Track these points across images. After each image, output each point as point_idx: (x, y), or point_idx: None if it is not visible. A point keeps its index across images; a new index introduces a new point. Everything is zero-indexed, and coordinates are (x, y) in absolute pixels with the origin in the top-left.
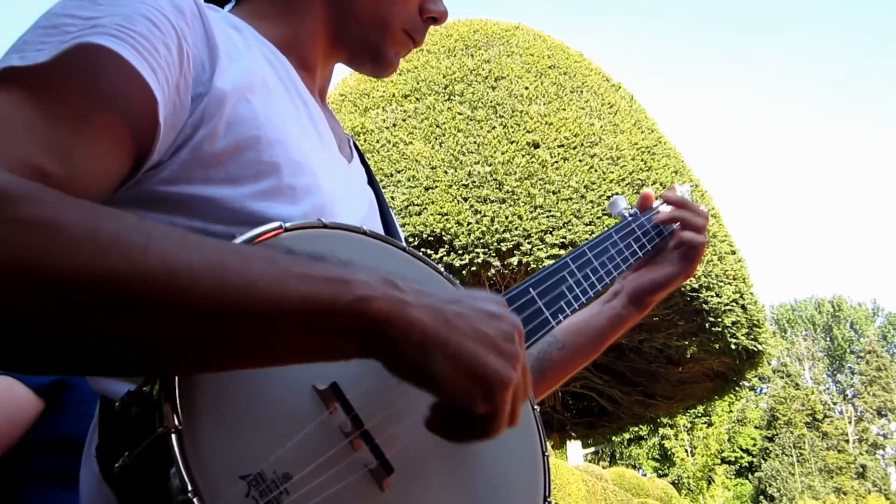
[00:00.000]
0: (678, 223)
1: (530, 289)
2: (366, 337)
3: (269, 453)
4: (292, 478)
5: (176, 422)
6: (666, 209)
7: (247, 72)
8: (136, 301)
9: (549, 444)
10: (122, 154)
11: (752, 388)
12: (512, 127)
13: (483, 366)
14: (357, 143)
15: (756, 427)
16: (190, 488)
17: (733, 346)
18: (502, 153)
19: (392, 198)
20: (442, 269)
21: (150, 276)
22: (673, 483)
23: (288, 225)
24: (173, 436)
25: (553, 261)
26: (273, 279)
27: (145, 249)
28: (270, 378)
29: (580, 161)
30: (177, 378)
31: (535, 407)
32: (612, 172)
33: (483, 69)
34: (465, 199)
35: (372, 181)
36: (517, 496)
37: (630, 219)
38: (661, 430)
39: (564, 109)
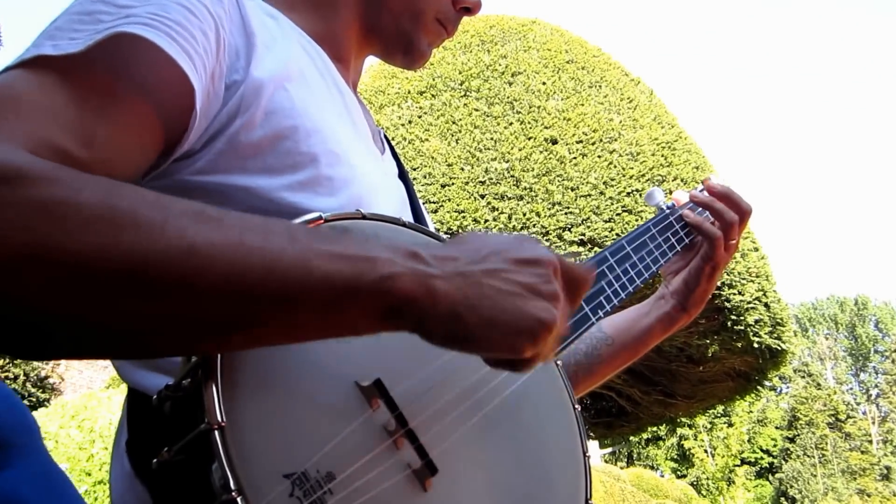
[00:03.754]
0: (711, 213)
1: None
2: (392, 315)
3: (313, 452)
4: (336, 478)
5: (219, 417)
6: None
7: (284, 60)
8: (153, 282)
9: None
10: (152, 141)
11: (772, 388)
12: (529, 123)
13: (524, 316)
14: None
15: (777, 427)
16: (233, 487)
17: (756, 345)
18: (519, 149)
19: None
20: None
21: (166, 257)
22: (692, 484)
23: (327, 216)
24: (216, 432)
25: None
26: (294, 257)
27: (163, 228)
28: (313, 374)
29: (599, 157)
30: (219, 372)
31: (577, 407)
32: (632, 168)
33: (500, 65)
34: (482, 196)
35: (403, 175)
36: (559, 497)
37: (667, 211)
38: (679, 431)
39: (583, 105)
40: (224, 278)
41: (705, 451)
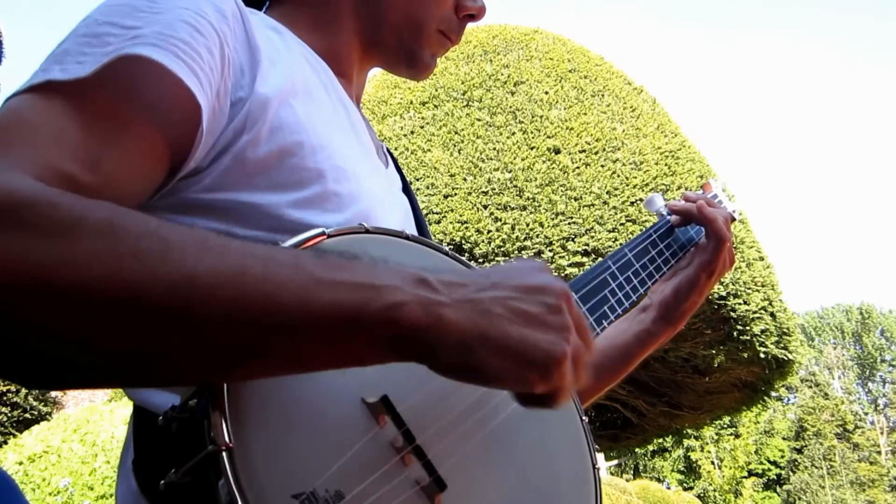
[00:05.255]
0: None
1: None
2: (400, 344)
3: (321, 470)
4: (345, 496)
5: (226, 439)
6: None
7: (289, 75)
8: (153, 311)
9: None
10: (158, 162)
11: (779, 399)
12: (532, 132)
13: (532, 347)
14: None
15: (784, 438)
16: None
17: (762, 355)
18: (522, 159)
19: None
20: None
21: (167, 286)
22: (699, 496)
23: (330, 231)
24: (224, 453)
25: (594, 264)
26: (297, 287)
27: (163, 257)
28: (319, 391)
29: (602, 166)
30: (225, 392)
31: (584, 418)
32: (636, 177)
33: (502, 74)
34: (485, 207)
35: (407, 189)
36: None
37: (668, 217)
38: (685, 442)
39: (585, 114)
40: (225, 308)
41: (712, 463)
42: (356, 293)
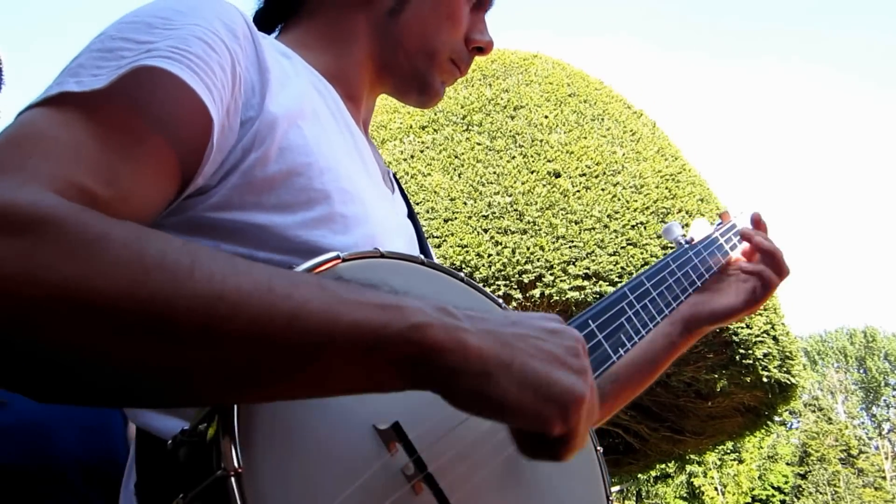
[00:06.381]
0: (755, 255)
1: (590, 321)
2: (421, 367)
3: (331, 498)
4: None
5: (236, 464)
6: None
7: (297, 98)
8: (179, 325)
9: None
10: (171, 177)
11: (782, 423)
12: (532, 156)
13: (554, 383)
14: None
15: (788, 464)
16: None
17: (765, 379)
18: (522, 183)
19: None
20: (500, 301)
21: (194, 300)
22: None
23: (345, 255)
24: (233, 479)
25: (611, 290)
26: (322, 305)
27: (191, 272)
28: (330, 417)
29: (603, 190)
30: (236, 417)
31: (599, 448)
32: (636, 201)
33: (502, 98)
34: (486, 231)
35: (412, 216)
36: None
37: (686, 246)
38: (688, 468)
39: (585, 138)
40: (251, 324)
41: (715, 489)
42: (381, 312)
